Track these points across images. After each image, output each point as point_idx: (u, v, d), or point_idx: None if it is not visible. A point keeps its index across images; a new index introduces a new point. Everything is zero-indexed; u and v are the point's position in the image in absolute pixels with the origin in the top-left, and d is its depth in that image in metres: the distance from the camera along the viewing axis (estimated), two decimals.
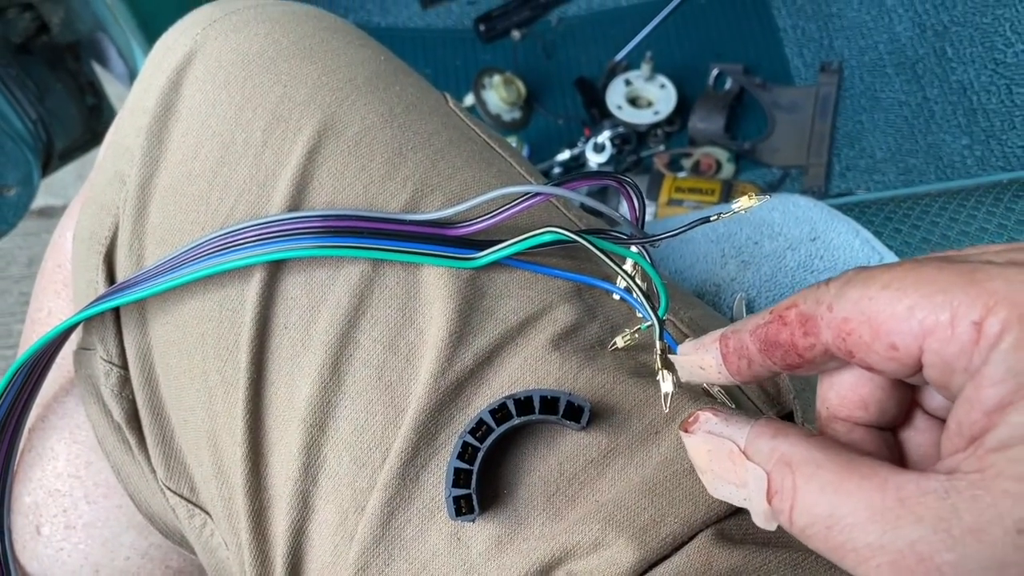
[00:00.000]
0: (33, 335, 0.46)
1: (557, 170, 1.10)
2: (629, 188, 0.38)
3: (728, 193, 0.96)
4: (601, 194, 1.07)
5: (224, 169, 0.38)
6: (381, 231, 0.37)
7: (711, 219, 0.36)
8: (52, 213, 1.40)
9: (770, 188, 1.04)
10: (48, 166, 0.94)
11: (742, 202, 0.35)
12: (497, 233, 0.38)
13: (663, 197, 0.98)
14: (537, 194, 0.37)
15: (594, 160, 1.07)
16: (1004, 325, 0.20)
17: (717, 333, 0.27)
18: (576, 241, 0.36)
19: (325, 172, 0.38)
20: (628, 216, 0.39)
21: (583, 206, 0.44)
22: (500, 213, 0.37)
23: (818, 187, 1.02)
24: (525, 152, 1.07)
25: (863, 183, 1.00)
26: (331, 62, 0.40)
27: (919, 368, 0.22)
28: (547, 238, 0.36)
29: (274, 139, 0.38)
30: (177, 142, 0.39)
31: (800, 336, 0.24)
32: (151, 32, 0.91)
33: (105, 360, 0.40)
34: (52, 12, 0.91)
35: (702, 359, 0.28)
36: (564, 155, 1.09)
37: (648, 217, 0.98)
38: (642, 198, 0.38)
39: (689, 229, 0.36)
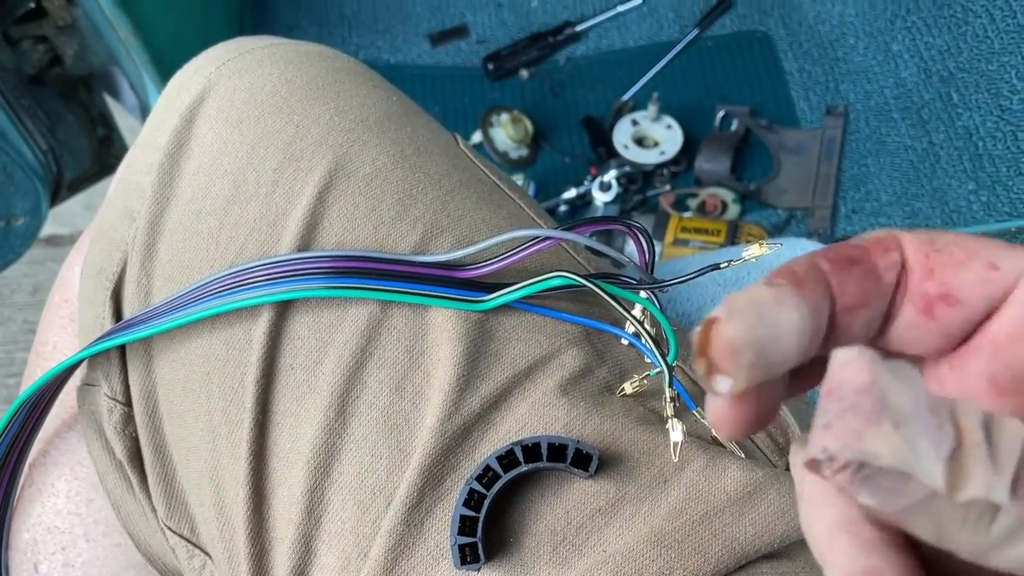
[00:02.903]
0: (38, 369, 0.46)
1: (563, 208, 1.10)
2: (639, 233, 0.38)
3: (734, 234, 0.96)
4: (606, 233, 1.07)
5: (235, 208, 0.38)
6: (390, 272, 0.37)
7: (721, 266, 0.36)
8: (59, 242, 1.41)
9: (775, 230, 1.04)
10: (57, 196, 0.94)
11: (753, 250, 0.35)
12: (506, 276, 0.38)
13: (669, 237, 0.98)
14: (546, 238, 0.37)
15: (600, 199, 1.07)
16: None
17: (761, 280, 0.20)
18: (585, 286, 0.36)
19: (336, 212, 0.38)
20: (638, 261, 0.38)
21: (591, 249, 0.44)
22: (509, 256, 0.37)
23: (824, 229, 1.02)
24: (532, 190, 1.08)
25: (869, 226, 1.00)
26: (343, 103, 0.41)
27: (995, 307, 0.19)
28: (556, 283, 0.36)
29: (285, 178, 0.38)
30: (188, 179, 0.39)
31: (880, 253, 0.20)
32: (163, 66, 0.92)
33: (109, 397, 0.40)
34: (66, 45, 0.92)
35: (782, 294, 0.18)
36: (570, 193, 1.09)
37: None
38: (652, 243, 0.38)
39: (699, 276, 0.36)
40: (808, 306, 0.18)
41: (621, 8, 1.24)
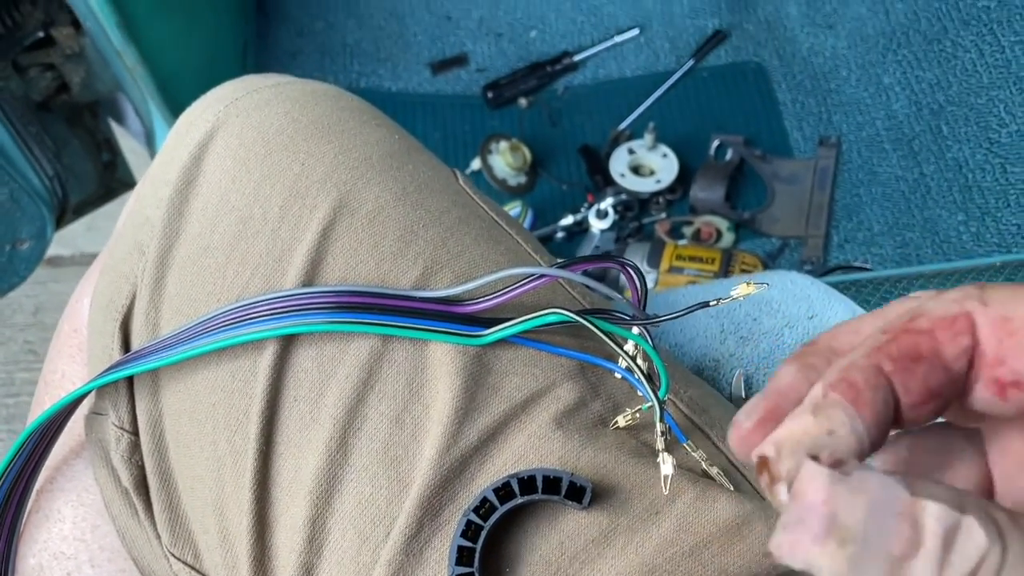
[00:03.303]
0: (46, 397, 0.47)
1: (560, 235, 1.11)
2: (631, 271, 0.39)
3: (728, 263, 0.97)
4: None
5: (241, 243, 0.39)
6: (391, 307, 0.38)
7: (710, 303, 0.38)
8: (60, 262, 1.42)
9: (769, 258, 1.05)
10: (62, 220, 0.96)
11: (740, 289, 0.36)
12: (503, 311, 0.39)
13: (664, 265, 0.99)
14: (542, 276, 0.38)
15: (597, 226, 1.09)
16: None
17: (817, 390, 0.19)
18: (579, 322, 0.37)
19: (339, 248, 0.39)
20: (632, 298, 0.40)
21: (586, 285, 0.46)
22: (506, 292, 0.38)
23: (817, 258, 1.04)
24: (529, 217, 1.09)
25: (861, 255, 1.02)
26: (347, 141, 0.42)
27: None
28: (551, 319, 0.37)
29: (291, 215, 0.39)
30: (197, 215, 0.41)
31: (948, 339, 0.19)
32: (169, 93, 0.93)
33: (117, 426, 0.41)
34: (73, 72, 0.94)
35: (832, 418, 0.18)
36: (567, 220, 1.11)
37: (649, 285, 0.99)
38: (644, 280, 0.39)
39: (688, 313, 0.38)
40: (864, 425, 0.18)
41: (618, 39, 1.26)
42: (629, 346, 0.38)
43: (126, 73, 0.89)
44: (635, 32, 1.26)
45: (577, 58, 1.25)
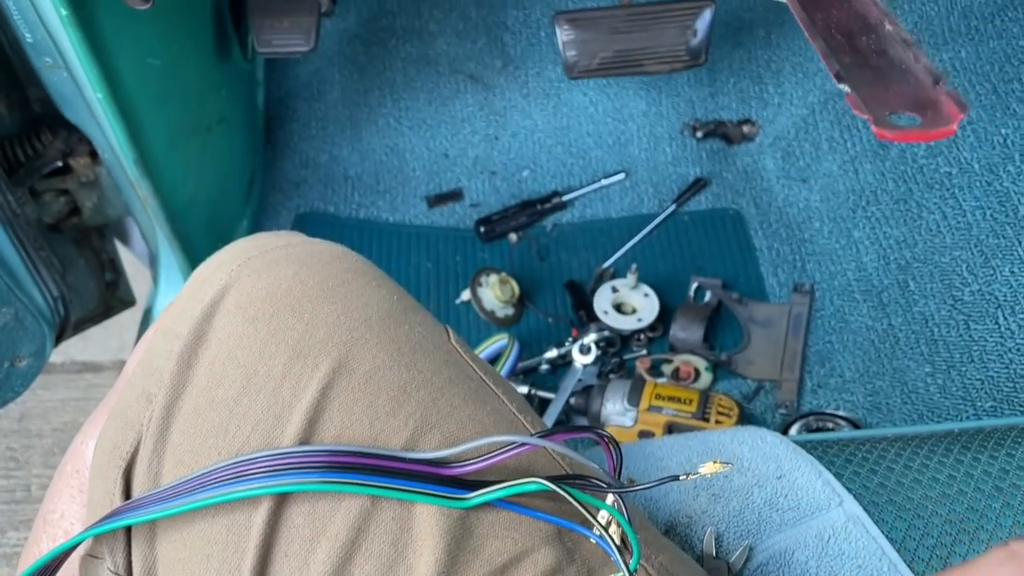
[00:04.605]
0: (43, 535, 0.49)
1: (545, 367, 1.15)
2: (608, 442, 0.42)
3: (705, 404, 1.01)
4: (586, 392, 1.11)
5: (245, 399, 0.42)
6: (382, 468, 0.41)
7: (680, 478, 0.40)
8: (50, 370, 1.43)
9: (745, 399, 1.09)
10: (61, 337, 0.98)
11: (708, 467, 0.40)
12: (487, 474, 0.42)
13: (644, 404, 1.02)
14: (524, 443, 0.41)
15: (580, 360, 1.12)
16: None
17: None
18: (557, 492, 0.39)
19: (336, 407, 0.42)
20: (608, 467, 0.43)
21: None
22: (491, 457, 0.41)
23: (791, 402, 1.07)
24: (515, 349, 1.13)
25: (833, 401, 1.05)
26: (350, 302, 0.46)
27: None
28: (531, 488, 0.40)
29: (293, 373, 0.43)
30: (204, 369, 0.44)
31: None
32: (178, 222, 0.98)
33: (112, 571, 0.42)
34: (86, 198, 0.98)
35: None
36: (552, 353, 1.14)
37: (629, 423, 1.02)
38: (619, 451, 0.42)
39: (660, 484, 0.41)
40: None
41: (605, 182, 1.33)
42: (603, 514, 0.40)
43: (138, 202, 0.94)
44: (621, 176, 1.33)
45: (566, 198, 1.32)
